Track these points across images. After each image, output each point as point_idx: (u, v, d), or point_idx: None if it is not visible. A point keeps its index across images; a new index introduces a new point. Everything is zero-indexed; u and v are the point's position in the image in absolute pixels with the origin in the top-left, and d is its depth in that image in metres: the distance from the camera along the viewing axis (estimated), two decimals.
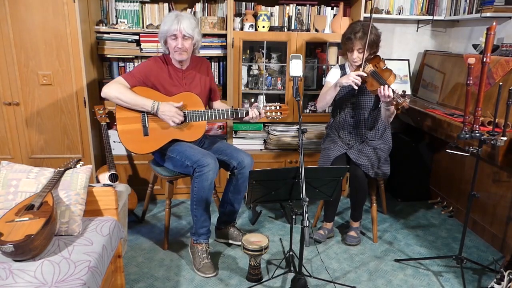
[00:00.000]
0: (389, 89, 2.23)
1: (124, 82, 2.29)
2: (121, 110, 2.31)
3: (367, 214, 2.96)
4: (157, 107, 2.26)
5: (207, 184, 2.24)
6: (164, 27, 2.29)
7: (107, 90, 2.26)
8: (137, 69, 2.35)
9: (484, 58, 1.94)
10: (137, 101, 2.27)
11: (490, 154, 2.23)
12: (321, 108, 2.62)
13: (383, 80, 2.31)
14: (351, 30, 2.46)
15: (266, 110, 2.41)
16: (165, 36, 2.30)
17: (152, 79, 2.34)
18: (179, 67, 2.41)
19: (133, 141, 2.33)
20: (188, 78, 2.43)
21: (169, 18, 2.28)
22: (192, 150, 2.31)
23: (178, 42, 2.27)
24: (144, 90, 2.32)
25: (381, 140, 2.63)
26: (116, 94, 2.25)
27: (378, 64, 2.46)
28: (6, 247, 1.48)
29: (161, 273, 2.31)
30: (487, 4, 2.82)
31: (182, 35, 2.26)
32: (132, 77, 2.31)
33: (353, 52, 2.47)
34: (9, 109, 2.70)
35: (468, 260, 2.32)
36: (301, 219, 1.78)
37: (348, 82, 2.37)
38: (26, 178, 1.82)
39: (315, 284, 2.23)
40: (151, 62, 2.37)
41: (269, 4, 3.12)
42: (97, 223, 1.87)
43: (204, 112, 2.36)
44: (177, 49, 2.29)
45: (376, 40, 2.48)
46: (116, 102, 2.28)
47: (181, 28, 2.25)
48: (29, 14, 2.54)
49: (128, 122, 2.32)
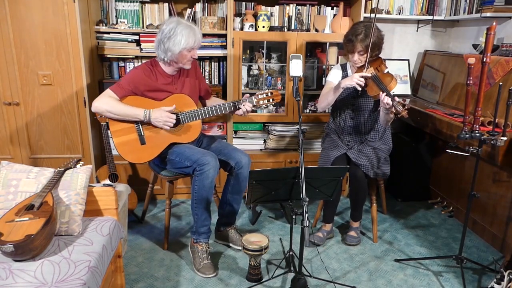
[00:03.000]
0: (388, 98, 2.21)
1: (113, 95, 2.27)
2: (114, 123, 2.30)
3: (367, 214, 2.96)
4: (149, 115, 2.26)
5: (208, 182, 2.24)
6: (180, 39, 2.22)
7: (97, 104, 2.25)
8: (125, 79, 2.32)
9: (484, 58, 1.94)
10: (128, 113, 2.26)
11: (490, 154, 2.23)
12: (322, 108, 2.61)
13: (384, 85, 2.29)
14: (353, 32, 2.42)
15: (258, 99, 2.41)
16: (184, 48, 2.25)
17: (141, 88, 2.31)
18: (169, 73, 2.39)
19: (131, 151, 2.32)
20: (178, 83, 2.42)
21: (184, 30, 2.23)
22: (191, 151, 2.31)
23: (194, 52, 2.31)
24: (134, 99, 2.31)
25: (381, 141, 2.63)
26: (107, 108, 2.24)
27: (380, 67, 2.43)
28: (6, 247, 1.48)
29: (161, 273, 2.31)
30: (487, 4, 2.82)
31: (198, 45, 2.31)
32: (121, 88, 2.29)
33: (354, 54, 2.45)
34: (9, 109, 2.70)
35: (468, 260, 2.32)
36: (301, 219, 1.78)
37: (351, 84, 2.34)
38: (26, 178, 1.82)
39: (315, 284, 2.23)
40: (139, 71, 2.33)
41: (269, 4, 3.12)
42: (97, 223, 1.87)
43: (197, 111, 2.35)
44: (190, 59, 2.31)
45: (378, 43, 2.44)
46: (108, 116, 2.27)
47: (199, 39, 2.29)
48: (29, 14, 2.54)
49: (124, 134, 2.31)
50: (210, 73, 3.22)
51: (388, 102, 2.21)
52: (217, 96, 3.11)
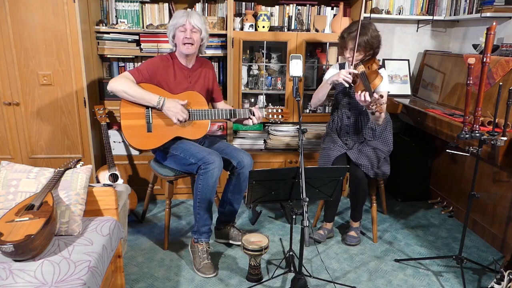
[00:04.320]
0: (364, 94, 2.23)
1: (130, 77, 2.30)
2: (126, 105, 2.32)
3: (367, 214, 2.96)
4: (163, 103, 2.28)
5: (212, 181, 2.25)
6: (173, 21, 2.33)
7: (113, 84, 2.27)
8: (144, 65, 2.37)
9: (484, 58, 1.94)
10: (143, 96, 2.28)
11: (490, 154, 2.23)
12: (314, 104, 2.65)
13: (368, 82, 2.33)
14: (347, 29, 2.49)
15: (268, 113, 2.47)
16: (174, 29, 2.33)
17: (158, 77, 2.36)
18: (185, 65, 2.43)
19: (136, 136, 2.34)
20: (193, 77, 2.46)
21: (179, 13, 2.34)
22: (196, 148, 2.32)
23: (187, 33, 2.30)
24: (149, 87, 2.33)
25: (381, 140, 2.63)
26: (123, 88, 2.26)
27: (371, 66, 2.45)
28: (6, 247, 1.48)
29: (161, 273, 2.31)
30: (487, 4, 2.82)
31: (191, 27, 2.30)
32: (139, 73, 2.33)
33: (346, 50, 2.50)
34: (9, 109, 2.70)
35: (468, 260, 2.32)
36: (301, 219, 1.78)
37: (338, 79, 2.38)
38: (26, 178, 1.82)
39: (315, 284, 2.23)
40: (158, 59, 2.40)
41: (269, 4, 3.12)
42: (97, 223, 1.87)
43: (207, 111, 2.38)
44: (185, 41, 2.31)
45: (371, 42, 2.44)
46: (122, 96, 2.28)
47: (191, 20, 2.30)
48: (29, 14, 2.54)
49: (132, 118, 2.33)
50: None
51: (366, 98, 2.21)
52: None
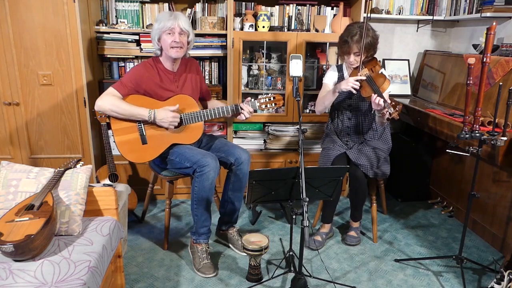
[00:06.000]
0: (380, 99, 2.21)
1: (116, 93, 2.26)
2: (116, 121, 2.29)
3: (367, 214, 2.96)
4: (154, 116, 2.26)
5: (208, 183, 2.24)
6: (158, 24, 2.27)
7: (100, 103, 2.24)
8: (127, 77, 2.31)
9: (484, 58, 1.94)
10: (132, 112, 2.25)
11: (490, 154, 2.23)
12: (320, 112, 2.62)
13: (376, 86, 2.30)
14: (348, 33, 2.42)
15: (261, 104, 2.41)
16: (160, 33, 2.27)
17: (144, 86, 2.31)
18: (170, 69, 2.38)
19: (132, 151, 2.31)
20: (180, 81, 2.42)
21: (164, 16, 2.28)
22: (191, 152, 2.30)
23: (175, 36, 2.25)
24: (136, 98, 2.30)
25: (381, 140, 2.63)
26: (111, 107, 2.23)
27: (374, 68, 2.43)
28: (6, 247, 1.48)
29: (161, 273, 2.31)
30: (487, 4, 2.82)
31: (179, 30, 2.26)
32: (124, 86, 2.28)
33: (350, 55, 2.45)
34: (9, 109, 2.70)
35: (468, 260, 2.32)
36: (301, 219, 1.78)
37: (347, 88, 2.35)
38: (26, 178, 1.82)
39: (315, 284, 2.23)
40: (141, 68, 2.33)
41: (269, 4, 3.12)
42: (97, 223, 1.87)
43: (199, 113, 2.35)
44: (173, 44, 2.26)
45: (373, 43, 2.44)
46: (111, 114, 2.26)
47: (178, 23, 2.25)
48: (29, 14, 2.54)
49: (125, 133, 2.30)
50: (210, 73, 3.22)
51: (379, 103, 2.21)
52: (217, 97, 3.12)
